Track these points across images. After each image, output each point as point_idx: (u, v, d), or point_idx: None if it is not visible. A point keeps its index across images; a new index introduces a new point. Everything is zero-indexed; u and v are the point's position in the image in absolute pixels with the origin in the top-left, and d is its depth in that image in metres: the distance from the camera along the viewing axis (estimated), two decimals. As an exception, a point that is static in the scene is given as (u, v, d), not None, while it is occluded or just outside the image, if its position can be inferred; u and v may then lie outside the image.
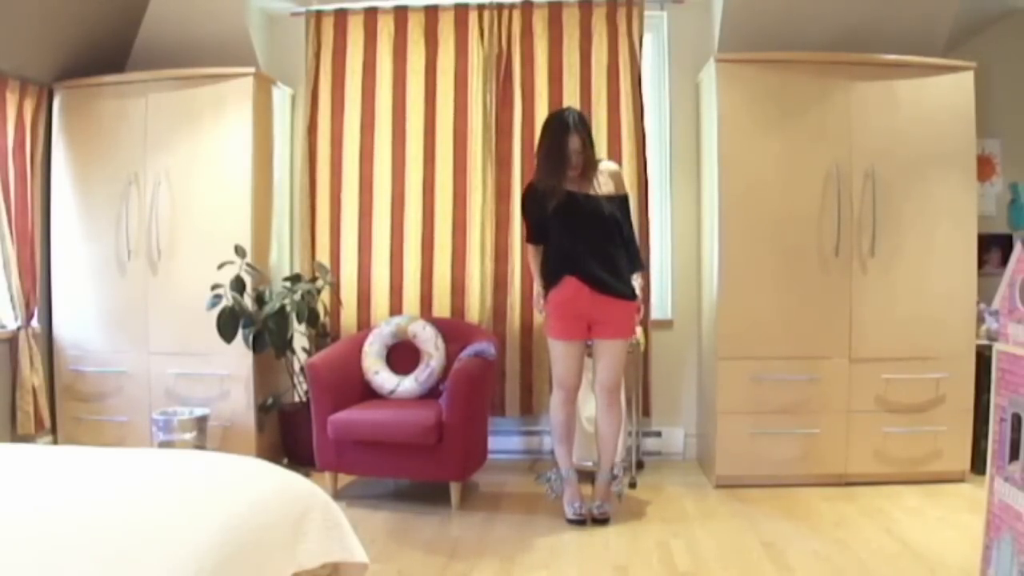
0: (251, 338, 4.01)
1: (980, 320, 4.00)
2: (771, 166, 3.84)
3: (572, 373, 3.48)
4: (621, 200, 3.47)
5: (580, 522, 3.39)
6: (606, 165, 3.52)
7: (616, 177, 3.50)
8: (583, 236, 3.39)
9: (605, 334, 3.42)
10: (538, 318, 4.10)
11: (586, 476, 3.94)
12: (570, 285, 3.38)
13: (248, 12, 4.21)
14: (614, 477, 3.50)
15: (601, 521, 3.40)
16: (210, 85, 4.11)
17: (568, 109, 3.48)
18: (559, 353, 3.46)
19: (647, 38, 4.39)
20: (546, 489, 3.54)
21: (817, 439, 3.82)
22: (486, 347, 3.78)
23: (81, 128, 4.23)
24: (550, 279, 3.46)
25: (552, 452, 3.67)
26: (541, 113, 4.26)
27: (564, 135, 3.34)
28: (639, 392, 4.15)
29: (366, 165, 4.38)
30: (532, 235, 3.55)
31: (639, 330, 4.05)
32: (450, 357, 3.91)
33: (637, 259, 3.53)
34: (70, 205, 4.26)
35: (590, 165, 3.41)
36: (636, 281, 3.47)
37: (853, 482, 3.83)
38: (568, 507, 3.44)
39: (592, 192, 3.40)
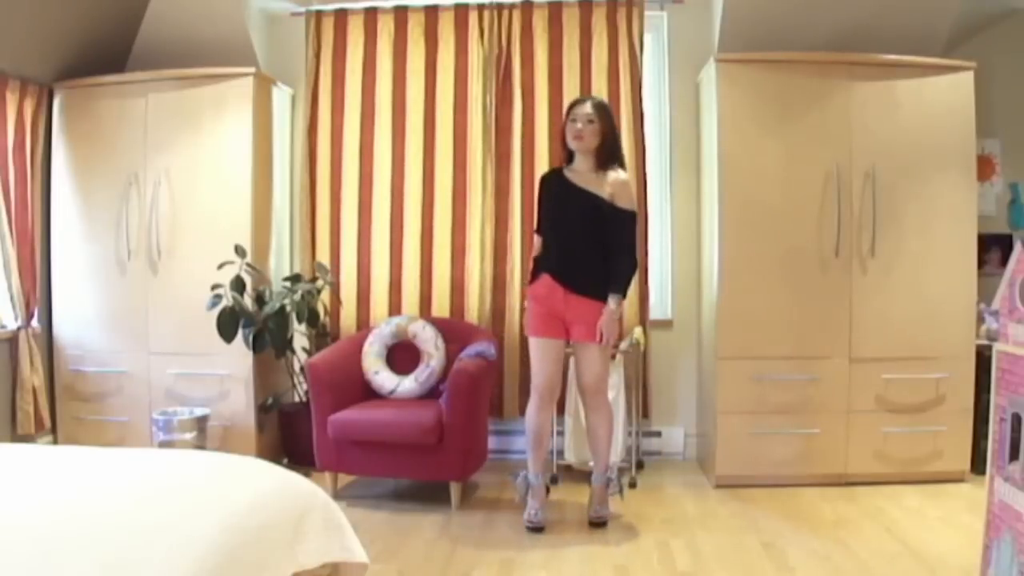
0: (251, 338, 4.01)
1: (980, 320, 4.00)
2: (771, 166, 3.83)
3: (550, 375, 3.33)
4: (625, 214, 3.26)
5: (536, 530, 3.28)
6: (617, 174, 3.29)
7: (620, 188, 3.27)
8: (565, 230, 3.31)
9: (580, 336, 3.29)
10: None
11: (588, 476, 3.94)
12: (545, 282, 3.32)
13: (248, 12, 4.21)
14: (609, 480, 3.41)
15: (598, 524, 3.36)
16: (210, 85, 4.11)
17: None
18: (536, 353, 3.35)
19: (647, 38, 4.39)
20: (518, 490, 3.43)
21: (817, 439, 3.82)
22: (486, 347, 3.77)
23: (81, 128, 4.23)
24: (533, 274, 3.42)
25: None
26: (541, 112, 4.27)
27: (573, 107, 3.30)
28: (639, 392, 4.15)
29: (366, 165, 4.38)
30: (537, 224, 3.49)
31: (638, 330, 4.06)
32: (450, 357, 3.91)
33: (621, 279, 3.28)
34: (70, 205, 4.26)
35: (602, 150, 3.27)
36: (612, 301, 3.23)
37: (853, 482, 3.83)
38: (527, 513, 3.34)
39: (591, 189, 3.26)
